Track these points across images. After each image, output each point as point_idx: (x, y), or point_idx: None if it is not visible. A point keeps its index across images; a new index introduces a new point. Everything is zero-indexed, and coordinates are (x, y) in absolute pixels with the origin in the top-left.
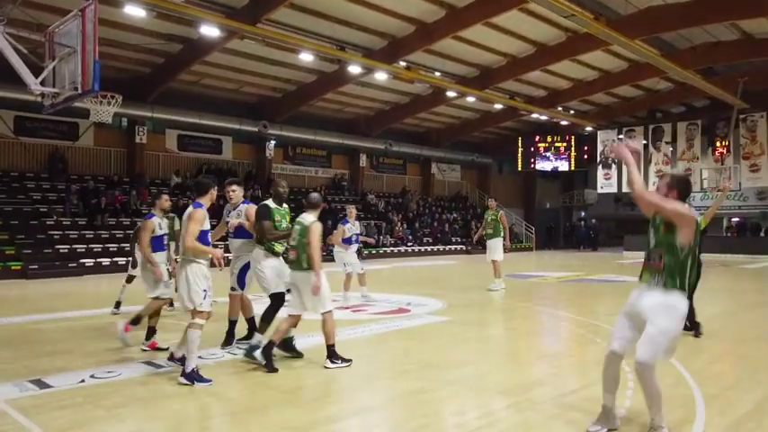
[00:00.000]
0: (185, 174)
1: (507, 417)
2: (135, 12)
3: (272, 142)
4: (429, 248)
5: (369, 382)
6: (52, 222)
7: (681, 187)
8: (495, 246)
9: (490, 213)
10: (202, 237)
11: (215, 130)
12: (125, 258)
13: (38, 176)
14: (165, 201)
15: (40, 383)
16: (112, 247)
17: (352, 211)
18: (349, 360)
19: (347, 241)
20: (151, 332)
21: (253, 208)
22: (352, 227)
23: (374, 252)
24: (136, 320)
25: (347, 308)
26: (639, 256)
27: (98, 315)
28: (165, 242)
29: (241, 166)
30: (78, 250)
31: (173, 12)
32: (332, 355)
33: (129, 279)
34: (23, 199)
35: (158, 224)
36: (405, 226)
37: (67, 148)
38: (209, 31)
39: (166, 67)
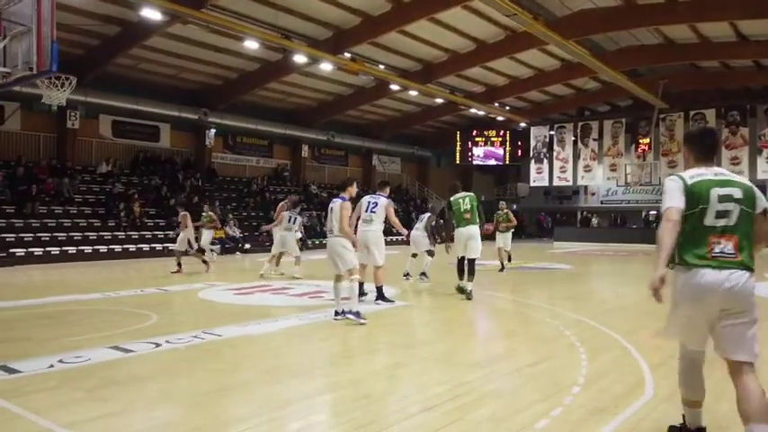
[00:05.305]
0: (116, 161)
1: (481, 386)
2: None
3: (213, 131)
4: None
5: (347, 359)
6: None
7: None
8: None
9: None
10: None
11: (153, 117)
12: (58, 248)
13: None
14: None
15: (8, 369)
16: (44, 236)
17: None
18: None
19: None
20: None
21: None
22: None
23: (318, 243)
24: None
25: (302, 295)
26: (569, 247)
27: (42, 305)
28: None
29: (180, 154)
30: (7, 239)
31: None
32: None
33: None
34: None
35: None
36: None
37: None
38: (151, 14)
39: (102, 50)
